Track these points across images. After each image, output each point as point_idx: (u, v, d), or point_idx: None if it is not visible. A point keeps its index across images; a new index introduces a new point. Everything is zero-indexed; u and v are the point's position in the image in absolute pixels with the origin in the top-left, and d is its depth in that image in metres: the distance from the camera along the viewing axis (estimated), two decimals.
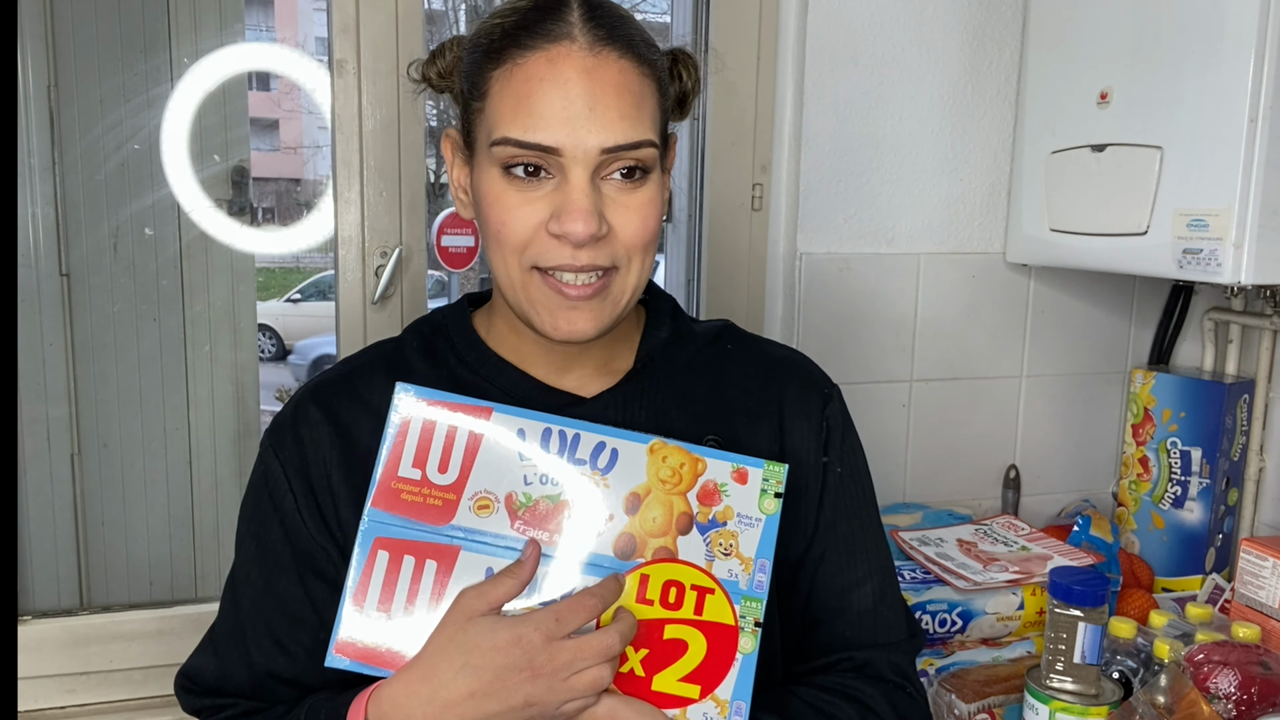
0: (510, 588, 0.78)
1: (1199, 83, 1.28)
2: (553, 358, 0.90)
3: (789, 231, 1.57)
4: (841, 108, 1.55)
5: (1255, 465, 1.62)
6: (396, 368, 0.90)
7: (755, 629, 0.82)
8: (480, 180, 0.82)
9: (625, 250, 0.82)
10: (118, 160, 1.99)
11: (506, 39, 0.80)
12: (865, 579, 0.94)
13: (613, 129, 0.78)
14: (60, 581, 1.96)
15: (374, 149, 1.41)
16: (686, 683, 0.81)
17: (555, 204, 0.79)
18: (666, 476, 0.82)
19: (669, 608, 0.82)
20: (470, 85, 0.83)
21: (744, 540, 0.83)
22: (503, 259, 0.82)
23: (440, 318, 0.95)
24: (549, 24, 0.79)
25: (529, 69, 0.78)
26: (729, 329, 0.99)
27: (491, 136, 0.80)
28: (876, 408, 1.63)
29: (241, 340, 2.17)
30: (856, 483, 0.96)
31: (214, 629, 0.92)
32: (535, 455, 0.82)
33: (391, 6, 1.39)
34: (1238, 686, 1.14)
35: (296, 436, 0.89)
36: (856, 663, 0.92)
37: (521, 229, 0.80)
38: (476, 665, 0.75)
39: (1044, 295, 1.70)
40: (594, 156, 0.78)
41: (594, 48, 0.79)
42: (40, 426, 1.94)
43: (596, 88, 0.78)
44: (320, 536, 0.87)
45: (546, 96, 0.78)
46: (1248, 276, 1.26)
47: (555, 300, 0.82)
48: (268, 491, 0.89)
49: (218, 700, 0.89)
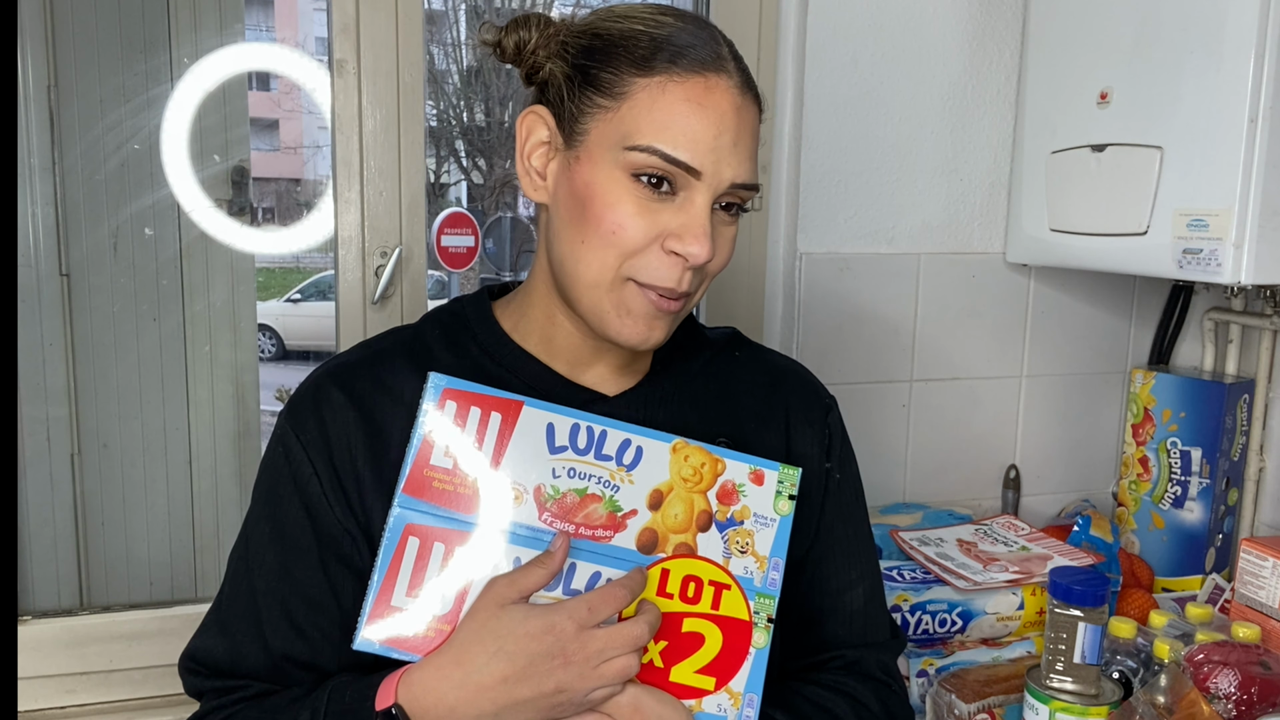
0: (540, 577, 0.80)
1: (1199, 83, 1.28)
2: (580, 352, 0.92)
3: (789, 231, 1.57)
4: (841, 108, 1.55)
5: (1255, 465, 1.62)
6: (418, 355, 0.91)
7: (768, 625, 0.86)
8: (594, 175, 0.83)
9: (707, 276, 0.88)
10: (118, 160, 1.99)
11: (660, 51, 0.82)
12: (858, 581, 0.99)
13: (744, 166, 0.84)
14: (60, 581, 1.96)
15: (374, 149, 1.41)
16: (703, 675, 0.85)
17: (677, 222, 0.82)
18: (688, 475, 0.85)
19: (688, 602, 0.85)
20: (589, 77, 0.84)
21: (759, 539, 0.86)
22: (602, 258, 0.83)
23: (460, 307, 0.96)
24: (705, 51, 0.83)
25: (688, 90, 0.81)
26: (737, 336, 1.04)
27: (631, 141, 0.81)
28: (876, 408, 1.64)
29: (241, 340, 2.18)
30: (852, 489, 1.02)
31: (221, 610, 0.90)
32: (564, 449, 0.84)
33: (391, 6, 1.39)
34: (1238, 686, 1.14)
35: (319, 418, 0.88)
36: (847, 660, 0.98)
37: (640, 236, 0.82)
38: (510, 651, 0.77)
39: (1044, 295, 1.70)
40: (724, 187, 0.83)
41: (742, 88, 0.84)
42: (40, 426, 1.94)
43: (740, 125, 0.83)
44: (345, 521, 0.87)
45: (704, 121, 0.81)
46: (1248, 276, 1.26)
47: (647, 310, 0.85)
48: (290, 473, 0.88)
49: (229, 681, 0.88)
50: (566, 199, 0.85)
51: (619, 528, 0.84)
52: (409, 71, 1.40)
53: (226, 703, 0.87)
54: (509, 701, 0.77)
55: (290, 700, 0.85)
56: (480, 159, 8.80)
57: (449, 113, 8.71)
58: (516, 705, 0.78)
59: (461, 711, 0.78)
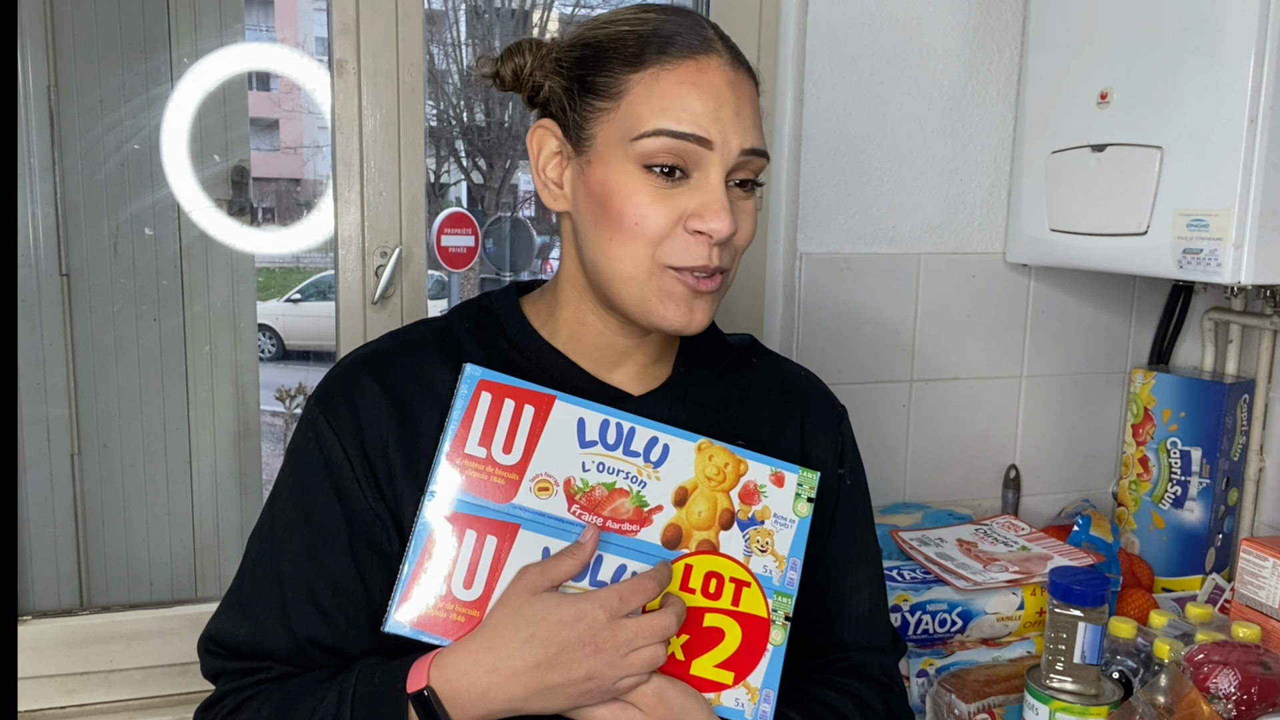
0: (570, 567, 0.82)
1: (1199, 83, 1.28)
2: (609, 351, 0.94)
3: (789, 231, 1.57)
4: (841, 108, 1.55)
5: (1255, 465, 1.62)
6: (447, 347, 0.93)
7: (785, 623, 0.88)
8: (608, 175, 0.85)
9: (736, 251, 0.89)
10: (118, 160, 1.99)
11: (648, 46, 0.85)
12: (864, 585, 1.02)
13: (750, 133, 0.86)
14: (60, 581, 1.96)
15: (374, 149, 1.41)
16: (722, 669, 0.87)
17: (694, 202, 0.84)
18: (712, 474, 0.88)
19: (709, 597, 0.87)
20: (587, 85, 0.86)
21: (779, 539, 0.89)
22: (633, 252, 0.85)
23: (488, 302, 0.97)
24: (692, 36, 0.85)
25: (680, 73, 0.84)
26: (755, 344, 1.06)
27: (636, 131, 0.83)
28: (876, 408, 1.64)
29: (241, 340, 2.18)
30: (862, 496, 1.05)
31: (241, 592, 0.90)
32: (594, 444, 0.86)
33: (391, 6, 1.39)
34: (1238, 686, 1.14)
35: (351, 404, 0.89)
36: (852, 663, 1.00)
37: (662, 222, 0.84)
38: (542, 638, 0.79)
39: (1044, 295, 1.70)
40: (735, 155, 0.85)
41: (734, 64, 0.86)
42: (40, 426, 1.94)
43: (738, 97, 0.85)
44: (377, 506, 0.88)
45: (701, 97, 0.83)
46: (1248, 276, 1.26)
47: (685, 293, 0.86)
48: (322, 458, 0.88)
49: (250, 663, 0.88)
50: (586, 202, 0.87)
51: (645, 522, 0.86)
52: (409, 71, 1.40)
53: (247, 684, 0.87)
54: (540, 686, 0.79)
55: (315, 681, 0.85)
56: (480, 159, 8.79)
57: (449, 113, 8.71)
58: (547, 690, 0.79)
59: (493, 695, 0.79)
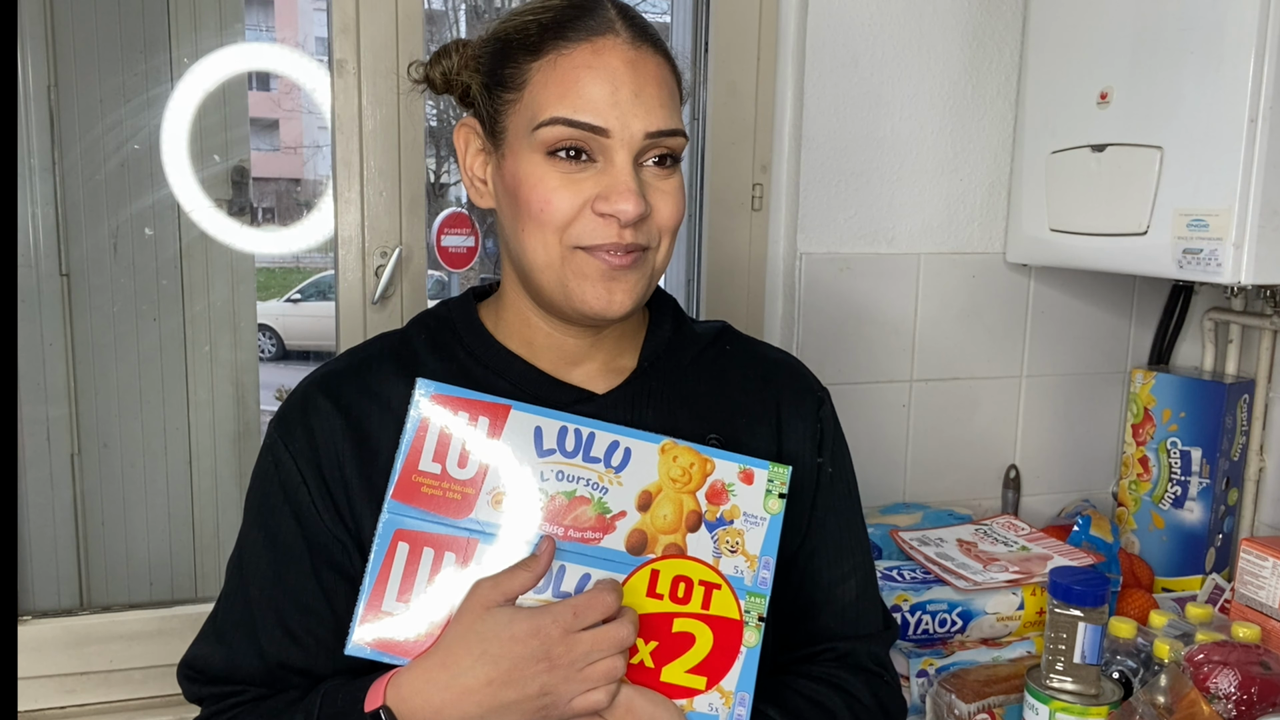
0: (525, 580, 0.81)
1: (1199, 83, 1.28)
2: (562, 352, 0.92)
3: (789, 231, 1.57)
4: (841, 108, 1.55)
5: (1255, 465, 1.62)
6: (405, 360, 0.92)
7: (759, 623, 0.86)
8: (517, 166, 0.85)
9: (659, 231, 0.87)
10: (118, 160, 1.99)
11: (547, 33, 0.84)
12: (850, 574, 0.99)
13: (655, 115, 0.83)
14: (60, 581, 1.96)
15: (374, 149, 1.41)
16: (694, 674, 0.85)
17: (600, 186, 0.83)
18: (677, 475, 0.86)
19: (678, 602, 0.85)
20: (497, 78, 0.86)
21: (749, 538, 0.86)
22: (542, 239, 0.84)
23: (445, 310, 0.96)
24: (590, 19, 0.84)
25: (575, 58, 0.83)
26: (727, 330, 1.02)
27: (537, 120, 0.83)
28: (876, 408, 1.64)
29: (241, 340, 2.18)
30: (845, 482, 1.01)
31: (217, 617, 0.91)
32: (552, 452, 0.84)
33: (391, 6, 1.39)
34: (1238, 686, 1.14)
35: (307, 427, 0.89)
36: (839, 653, 0.98)
37: (567, 208, 0.83)
38: (495, 654, 0.78)
39: (1044, 295, 1.70)
40: (638, 140, 0.83)
41: (634, 42, 0.84)
42: (40, 426, 1.94)
43: (639, 77, 0.83)
44: (335, 528, 0.88)
45: (595, 81, 0.82)
46: (1248, 276, 1.26)
47: (599, 270, 0.84)
48: (279, 483, 0.89)
49: (225, 688, 0.89)
50: (503, 196, 0.88)
51: (608, 529, 0.84)
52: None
53: (224, 708, 0.88)
54: (494, 704, 0.78)
55: (286, 704, 0.86)
56: None
57: (449, 113, 8.72)
58: (502, 708, 0.78)
59: (447, 713, 0.79)
